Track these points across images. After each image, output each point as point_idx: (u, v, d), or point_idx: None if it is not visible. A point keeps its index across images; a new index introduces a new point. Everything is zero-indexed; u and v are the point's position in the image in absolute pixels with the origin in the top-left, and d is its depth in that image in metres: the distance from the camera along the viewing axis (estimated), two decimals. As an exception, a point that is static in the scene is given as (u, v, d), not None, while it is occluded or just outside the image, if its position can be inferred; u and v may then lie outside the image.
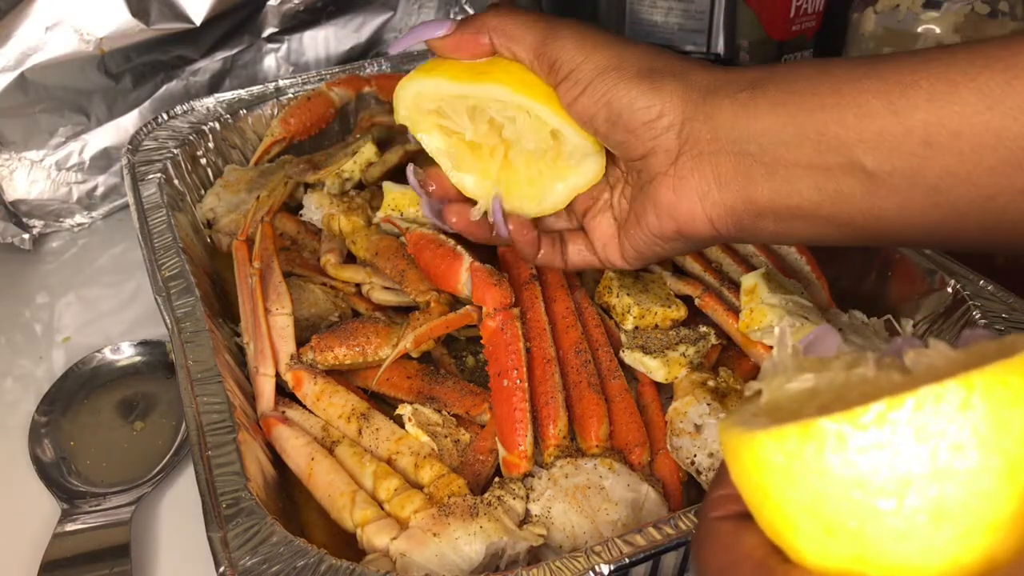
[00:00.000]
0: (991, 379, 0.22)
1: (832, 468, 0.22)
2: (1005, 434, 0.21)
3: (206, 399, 0.52)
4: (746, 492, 0.26)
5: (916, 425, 0.22)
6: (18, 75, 0.78)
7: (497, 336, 0.54)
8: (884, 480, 0.22)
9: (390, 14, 1.01)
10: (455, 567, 0.45)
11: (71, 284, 0.81)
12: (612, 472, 0.50)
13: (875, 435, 0.22)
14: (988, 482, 0.22)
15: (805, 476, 0.23)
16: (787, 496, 0.24)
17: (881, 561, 0.23)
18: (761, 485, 0.24)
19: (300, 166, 0.76)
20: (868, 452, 0.22)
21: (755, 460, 0.24)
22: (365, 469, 0.51)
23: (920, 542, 0.22)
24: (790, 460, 0.23)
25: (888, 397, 0.22)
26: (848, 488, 0.22)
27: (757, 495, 0.25)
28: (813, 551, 0.24)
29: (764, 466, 0.24)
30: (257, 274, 0.58)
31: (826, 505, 0.23)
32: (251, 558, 0.42)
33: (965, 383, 0.21)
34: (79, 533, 0.55)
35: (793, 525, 0.24)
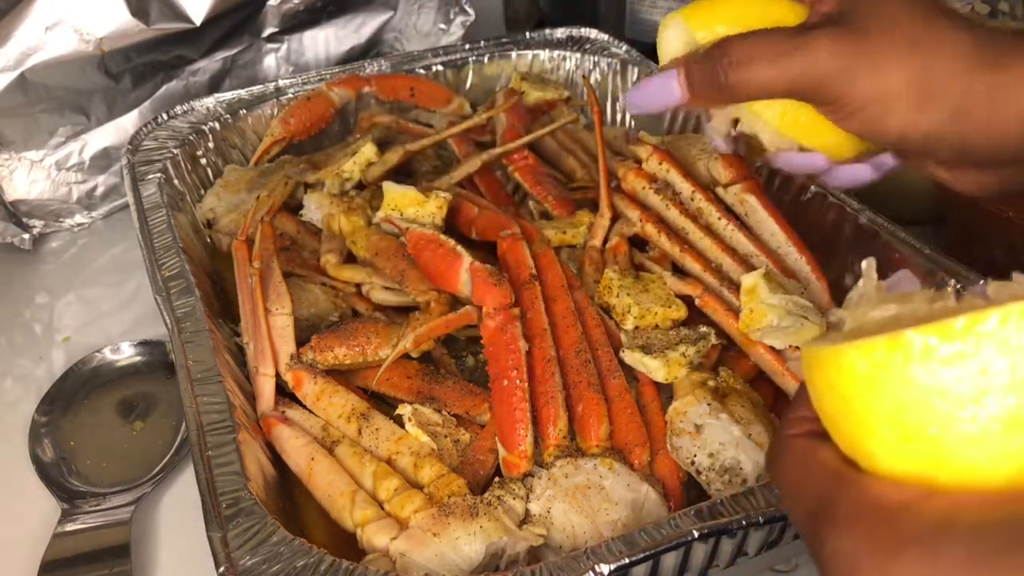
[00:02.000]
0: None
1: (916, 377, 0.24)
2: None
3: (206, 399, 0.52)
4: (826, 406, 0.27)
5: (999, 338, 0.23)
6: (18, 75, 0.78)
7: (497, 336, 0.54)
8: (965, 389, 0.23)
9: (390, 14, 1.00)
10: (455, 567, 0.45)
11: (71, 284, 0.81)
12: (612, 472, 0.50)
13: (960, 346, 0.23)
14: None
15: (890, 385, 0.24)
16: (869, 405, 0.25)
17: (952, 466, 0.24)
18: (844, 395, 0.26)
19: (300, 166, 0.76)
20: (952, 363, 0.23)
21: (841, 371, 0.26)
22: (365, 469, 0.51)
23: (992, 449, 0.24)
24: (876, 370, 0.25)
25: (973, 311, 0.23)
26: (930, 396, 0.24)
27: (838, 406, 0.27)
28: (888, 457, 0.26)
29: (850, 376, 0.25)
30: (257, 274, 0.58)
31: (907, 413, 0.24)
32: (251, 558, 0.43)
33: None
34: (79, 533, 0.55)
35: (871, 433, 0.26)
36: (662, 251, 0.67)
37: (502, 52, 0.93)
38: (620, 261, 0.66)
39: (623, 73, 0.90)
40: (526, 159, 0.76)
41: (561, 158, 0.81)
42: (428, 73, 0.90)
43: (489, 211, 0.66)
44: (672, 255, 0.66)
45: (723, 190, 0.67)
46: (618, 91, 0.91)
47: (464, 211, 0.67)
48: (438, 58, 0.92)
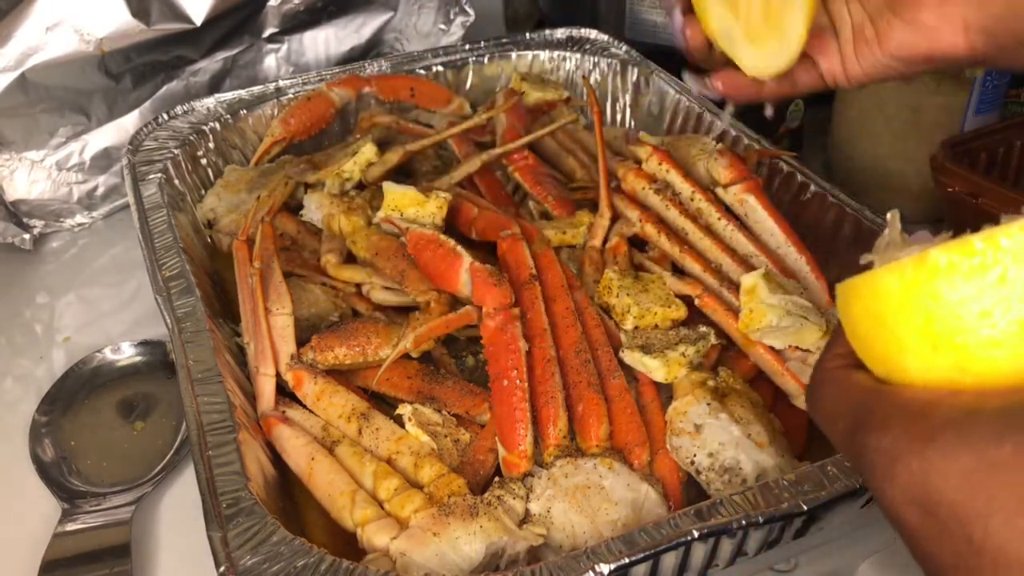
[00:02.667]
0: None
1: (942, 291, 0.27)
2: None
3: (206, 399, 0.52)
4: (862, 330, 0.30)
5: (1014, 251, 0.26)
6: (18, 75, 0.79)
7: (497, 336, 0.54)
8: (986, 298, 0.26)
9: (390, 14, 1.01)
10: (455, 567, 0.45)
11: (71, 284, 0.81)
12: (612, 472, 0.50)
13: (979, 260, 0.26)
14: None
15: (919, 300, 0.27)
16: (901, 321, 0.28)
17: (977, 367, 0.27)
18: (879, 315, 0.29)
19: (300, 166, 0.76)
20: (973, 275, 0.26)
21: (875, 294, 0.29)
22: (365, 469, 0.51)
23: (1012, 349, 0.27)
24: (906, 288, 0.28)
25: (989, 230, 0.27)
26: (956, 307, 0.27)
27: (873, 328, 0.29)
28: (919, 367, 0.28)
29: (884, 297, 0.28)
30: (257, 274, 0.58)
31: (936, 324, 0.27)
32: (251, 558, 0.43)
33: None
34: (79, 533, 0.55)
35: (904, 348, 0.28)
36: (662, 251, 0.67)
37: (502, 52, 0.93)
38: (620, 261, 0.66)
39: (623, 73, 0.90)
40: (526, 159, 0.76)
41: (561, 158, 0.81)
42: (428, 73, 0.90)
43: (489, 211, 0.66)
44: (672, 255, 0.66)
45: (723, 190, 0.67)
46: (618, 91, 0.91)
47: (464, 211, 0.67)
48: (438, 58, 0.92)
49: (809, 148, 0.97)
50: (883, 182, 0.83)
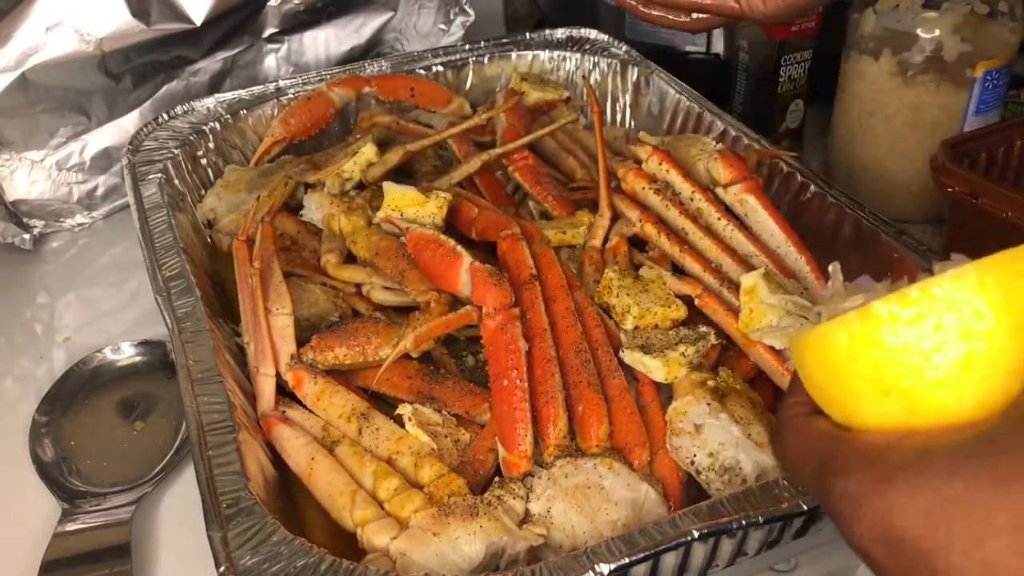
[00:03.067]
0: (998, 262, 0.29)
1: (886, 339, 0.29)
2: (1012, 301, 0.28)
3: (206, 399, 0.52)
4: (817, 380, 0.32)
5: (948, 299, 0.28)
6: (19, 75, 0.79)
7: (497, 336, 0.54)
8: (927, 343, 0.28)
9: (390, 14, 1.01)
10: (455, 567, 0.45)
11: (71, 284, 0.81)
12: (612, 472, 0.50)
13: (916, 309, 0.28)
14: (1001, 338, 0.28)
15: (865, 350, 0.29)
16: (852, 370, 0.30)
17: (926, 410, 0.29)
18: (831, 366, 0.31)
19: (300, 166, 0.76)
20: (913, 323, 0.29)
21: (825, 347, 0.31)
22: (365, 469, 0.51)
23: (954, 389, 0.29)
24: (853, 339, 0.30)
25: (924, 280, 0.29)
26: (899, 353, 0.29)
27: (827, 377, 0.32)
28: (873, 412, 0.30)
29: (833, 349, 0.30)
30: (257, 274, 0.58)
31: (883, 371, 0.29)
32: (251, 558, 0.43)
33: (980, 265, 0.28)
34: (79, 533, 0.55)
35: (856, 393, 0.30)
36: (662, 251, 0.67)
37: (502, 52, 0.93)
38: (620, 261, 0.66)
39: (623, 73, 0.90)
40: (526, 159, 0.76)
41: (561, 158, 0.81)
42: (428, 73, 0.90)
43: (489, 211, 0.66)
44: (672, 255, 0.66)
45: (723, 190, 0.67)
46: (618, 91, 0.91)
47: (464, 211, 0.67)
48: (438, 58, 0.92)
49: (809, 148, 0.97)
50: (883, 182, 0.83)
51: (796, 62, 0.89)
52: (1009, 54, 0.76)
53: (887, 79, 0.78)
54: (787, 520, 0.45)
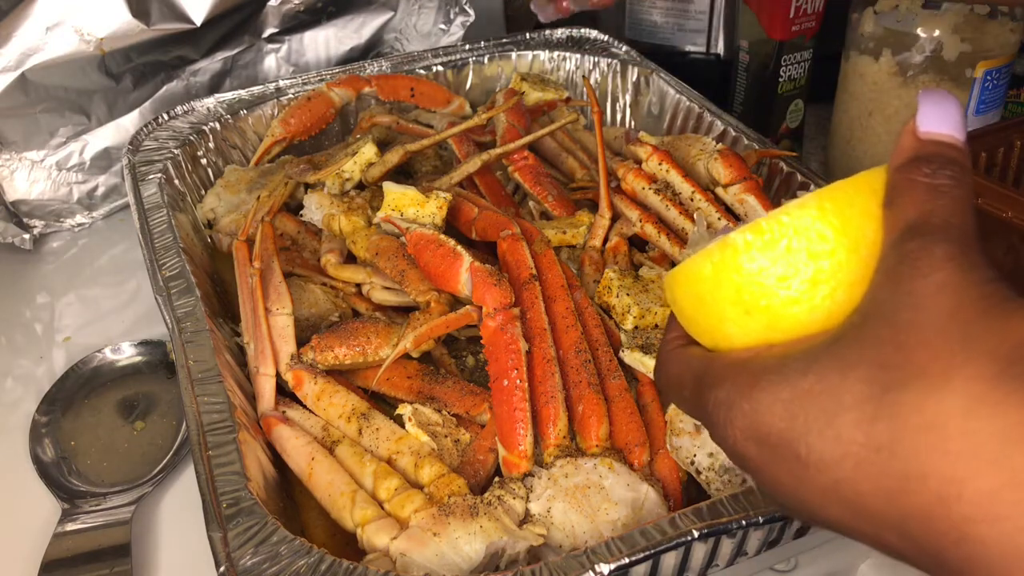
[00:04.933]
0: (834, 190, 0.32)
1: (744, 264, 0.32)
2: (848, 223, 0.32)
3: (206, 399, 0.52)
4: (687, 310, 0.36)
5: (794, 224, 0.32)
6: (19, 75, 0.79)
7: (497, 336, 0.54)
8: (779, 265, 0.32)
9: (390, 14, 1.01)
10: (455, 567, 0.45)
11: (71, 284, 0.81)
12: (612, 472, 0.50)
13: (769, 235, 0.32)
14: (842, 255, 0.31)
15: (727, 275, 0.33)
16: (716, 295, 0.33)
17: (784, 325, 0.32)
18: (698, 294, 0.34)
19: (300, 166, 0.76)
20: (766, 248, 0.32)
21: (691, 277, 0.34)
22: (365, 469, 0.51)
23: (806, 304, 0.32)
24: (715, 267, 0.33)
25: (773, 211, 0.32)
26: (757, 276, 0.32)
27: (695, 305, 0.35)
28: (738, 332, 0.34)
29: (698, 277, 0.34)
30: (257, 274, 0.58)
31: (744, 292, 0.33)
32: (251, 558, 0.43)
33: (819, 195, 0.32)
34: (79, 533, 0.55)
35: (723, 316, 0.34)
36: (662, 251, 0.67)
37: (502, 52, 0.93)
38: (620, 261, 0.66)
39: (623, 73, 0.90)
40: (526, 160, 0.76)
41: (561, 159, 0.81)
42: (428, 73, 0.90)
43: (489, 211, 0.66)
44: (672, 255, 0.66)
45: (722, 190, 0.67)
46: (618, 91, 0.91)
47: (464, 211, 0.67)
48: (438, 59, 0.92)
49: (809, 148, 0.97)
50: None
51: (796, 62, 0.89)
52: (1009, 54, 0.76)
53: (887, 79, 0.78)
54: (787, 520, 0.45)
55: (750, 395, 0.31)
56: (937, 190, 0.30)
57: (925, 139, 0.32)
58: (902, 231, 0.30)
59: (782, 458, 0.30)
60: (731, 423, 0.32)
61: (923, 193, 0.30)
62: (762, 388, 0.31)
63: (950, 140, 0.32)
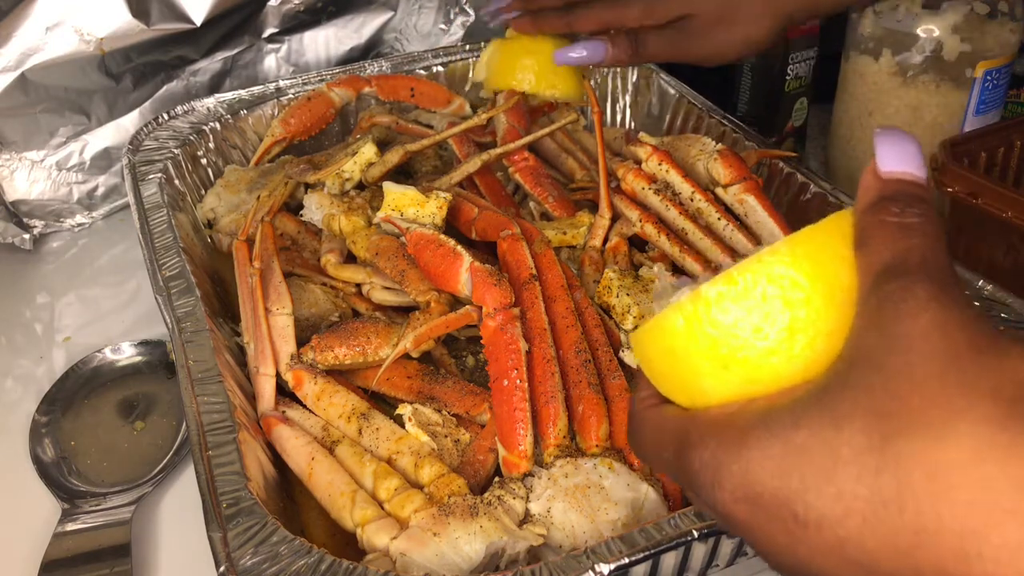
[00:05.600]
0: (806, 235, 0.32)
1: (718, 316, 0.32)
2: (821, 269, 0.31)
3: (206, 399, 0.52)
4: (660, 368, 0.35)
5: (767, 273, 0.31)
6: (19, 75, 0.79)
7: (497, 336, 0.54)
8: (755, 316, 0.31)
9: (390, 14, 1.01)
10: (455, 566, 0.45)
11: (71, 284, 0.81)
12: (612, 472, 0.50)
13: (742, 285, 0.31)
14: (818, 302, 0.31)
15: (700, 329, 0.32)
16: (691, 350, 0.32)
17: (762, 376, 0.31)
18: (671, 349, 0.33)
19: (300, 166, 0.76)
20: (739, 298, 0.31)
21: (664, 332, 0.33)
22: (365, 469, 0.51)
23: (785, 354, 0.31)
24: (688, 321, 0.32)
25: (744, 261, 0.32)
26: (732, 328, 0.31)
27: (669, 362, 0.34)
28: (715, 387, 0.32)
29: (670, 333, 0.33)
30: (257, 274, 0.58)
31: (720, 346, 0.32)
32: (251, 558, 0.43)
33: (791, 240, 0.31)
34: (79, 533, 0.55)
35: (698, 372, 0.33)
36: (662, 251, 0.67)
37: (502, 52, 0.93)
38: (620, 261, 0.66)
39: (623, 74, 0.90)
40: (527, 160, 0.76)
41: (561, 160, 0.81)
42: (428, 73, 0.90)
43: (489, 211, 0.66)
44: (672, 255, 0.66)
45: (722, 190, 0.67)
46: (618, 92, 0.91)
47: (464, 211, 0.67)
48: (438, 59, 0.92)
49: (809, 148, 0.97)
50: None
51: (802, 60, 0.89)
52: (1009, 54, 0.76)
53: (887, 79, 0.78)
54: (787, 520, 0.45)
55: (739, 454, 0.30)
56: (909, 228, 0.30)
57: (888, 179, 0.31)
58: (878, 273, 0.29)
59: (777, 518, 0.29)
60: (719, 485, 0.30)
61: (895, 233, 0.29)
62: (750, 446, 0.29)
63: (912, 178, 0.31)
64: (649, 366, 0.36)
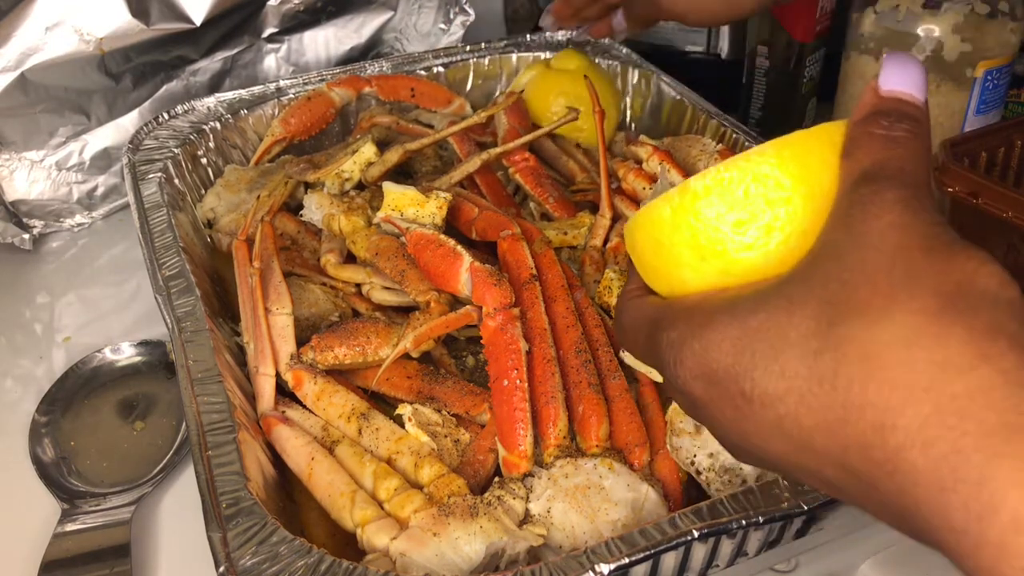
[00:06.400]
0: (794, 138, 0.33)
1: (702, 210, 0.33)
2: (805, 172, 0.32)
3: (206, 399, 0.52)
4: (645, 255, 0.36)
5: (752, 171, 0.32)
6: (18, 75, 0.79)
7: (497, 336, 0.54)
8: (737, 212, 0.33)
9: (390, 14, 1.01)
10: (455, 567, 0.45)
11: (71, 284, 0.81)
12: (612, 472, 0.50)
13: (727, 182, 0.33)
14: (797, 203, 0.32)
15: (685, 220, 0.34)
16: (673, 239, 0.34)
17: (737, 270, 0.33)
18: (656, 238, 0.35)
19: (300, 166, 0.76)
20: (724, 193, 0.33)
21: (651, 221, 0.35)
22: (365, 469, 0.51)
23: (761, 250, 0.33)
24: (674, 211, 0.34)
25: (732, 158, 0.33)
26: (714, 222, 0.33)
27: (653, 249, 0.35)
28: (693, 277, 0.34)
29: (658, 222, 0.35)
30: (257, 274, 0.58)
31: (699, 237, 0.33)
32: (251, 558, 0.43)
33: (778, 142, 0.33)
34: (79, 533, 0.55)
35: (678, 261, 0.34)
36: (662, 251, 0.67)
37: (503, 53, 0.93)
38: (620, 261, 0.66)
39: (623, 75, 0.90)
40: (527, 161, 0.76)
41: (561, 161, 0.81)
42: (428, 74, 0.90)
43: (489, 211, 0.66)
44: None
45: (723, 190, 0.67)
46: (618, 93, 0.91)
47: (464, 211, 0.67)
48: (439, 59, 0.92)
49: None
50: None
51: (814, 61, 0.90)
52: (1009, 54, 0.76)
53: (887, 79, 0.78)
54: (787, 520, 0.45)
55: (701, 334, 0.32)
56: (894, 140, 0.31)
57: (886, 96, 0.33)
58: (856, 178, 0.31)
59: (728, 394, 0.31)
60: (681, 363, 0.32)
61: (880, 143, 0.31)
62: (713, 327, 0.31)
63: (910, 98, 0.32)
64: (637, 254, 0.37)
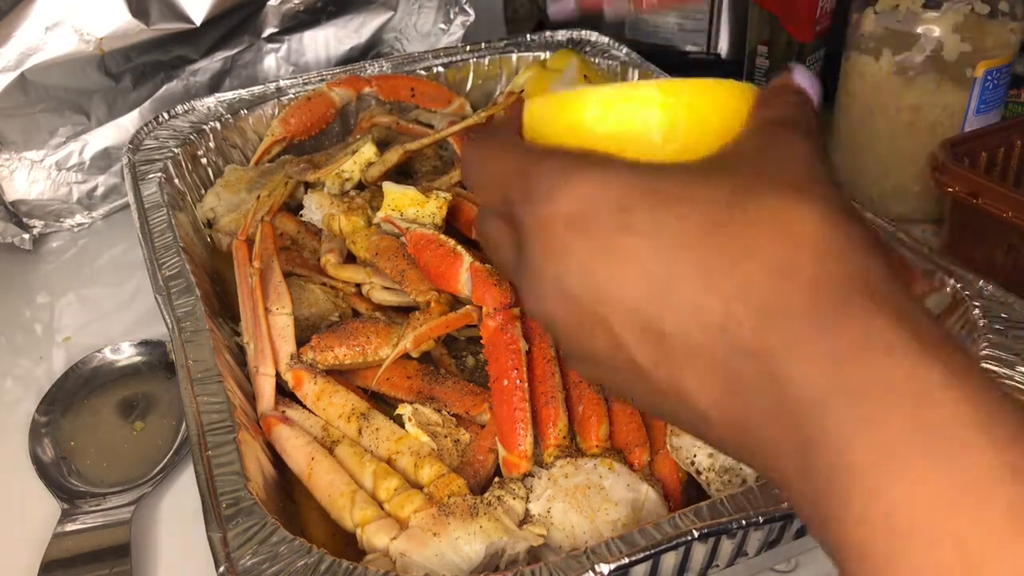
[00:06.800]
0: (693, 83, 0.36)
1: (594, 128, 0.36)
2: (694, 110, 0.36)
3: (206, 399, 0.52)
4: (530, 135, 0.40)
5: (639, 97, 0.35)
6: (18, 75, 0.79)
7: (497, 336, 0.54)
8: (633, 126, 0.35)
9: (390, 14, 1.01)
10: (455, 567, 0.45)
11: (71, 284, 0.81)
12: (612, 472, 0.50)
13: (619, 101, 0.35)
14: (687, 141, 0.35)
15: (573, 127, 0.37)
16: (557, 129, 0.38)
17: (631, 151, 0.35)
18: (541, 133, 0.39)
19: (300, 166, 0.76)
20: (616, 110, 0.35)
21: (542, 111, 0.39)
22: (365, 469, 0.51)
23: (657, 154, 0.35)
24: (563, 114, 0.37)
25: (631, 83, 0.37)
26: (608, 140, 0.35)
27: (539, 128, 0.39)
28: None
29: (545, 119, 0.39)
30: (257, 274, 0.58)
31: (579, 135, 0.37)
32: (251, 558, 0.42)
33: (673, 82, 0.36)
34: (79, 533, 0.55)
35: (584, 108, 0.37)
36: (662, 251, 0.67)
37: (503, 53, 0.93)
38: (620, 261, 0.66)
39: (623, 75, 0.90)
40: (526, 159, 0.76)
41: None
42: (429, 74, 0.90)
43: (489, 211, 0.66)
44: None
45: (723, 190, 0.67)
46: (618, 91, 0.91)
47: (464, 211, 0.67)
48: (439, 59, 0.92)
49: (809, 148, 0.97)
50: (883, 182, 0.83)
51: (815, 61, 0.90)
52: (1010, 54, 0.76)
53: (887, 79, 0.78)
54: (787, 520, 0.45)
55: (569, 172, 0.33)
56: (799, 106, 0.37)
57: (795, 83, 0.38)
58: (771, 120, 0.35)
59: (597, 234, 0.32)
60: (554, 192, 0.33)
61: (791, 105, 0.36)
62: (611, 168, 0.33)
63: (809, 93, 0.38)
64: (527, 127, 0.41)
